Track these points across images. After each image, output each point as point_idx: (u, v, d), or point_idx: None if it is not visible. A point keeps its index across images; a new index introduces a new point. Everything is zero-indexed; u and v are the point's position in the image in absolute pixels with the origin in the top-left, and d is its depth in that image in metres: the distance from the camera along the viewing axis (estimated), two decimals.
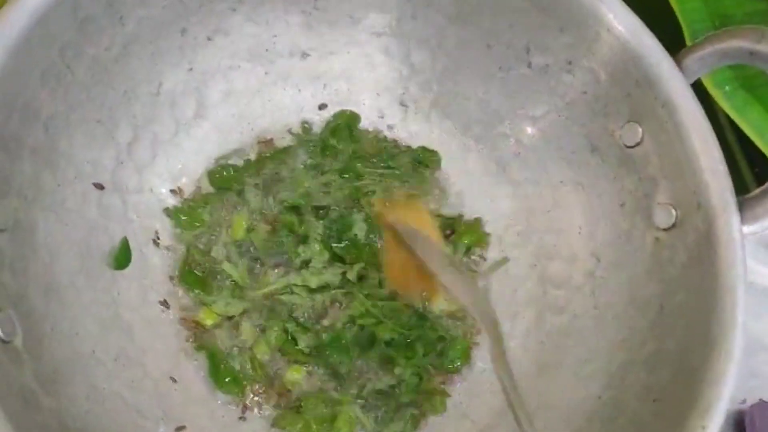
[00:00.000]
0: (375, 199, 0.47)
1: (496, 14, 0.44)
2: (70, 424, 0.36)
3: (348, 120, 0.50)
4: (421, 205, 0.47)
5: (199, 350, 0.44)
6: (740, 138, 0.51)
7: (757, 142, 0.48)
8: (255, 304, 0.45)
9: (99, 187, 0.43)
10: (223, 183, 0.48)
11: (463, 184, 0.50)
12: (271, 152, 0.49)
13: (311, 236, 0.45)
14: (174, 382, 0.43)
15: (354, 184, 0.48)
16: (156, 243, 0.46)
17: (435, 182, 0.50)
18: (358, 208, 0.47)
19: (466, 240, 0.48)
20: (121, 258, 0.43)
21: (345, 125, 0.50)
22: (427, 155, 0.50)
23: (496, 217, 0.49)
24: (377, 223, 0.46)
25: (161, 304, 0.45)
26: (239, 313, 0.45)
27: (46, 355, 0.37)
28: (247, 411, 0.44)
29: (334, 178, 0.48)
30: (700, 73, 0.40)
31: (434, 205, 0.49)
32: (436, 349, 0.45)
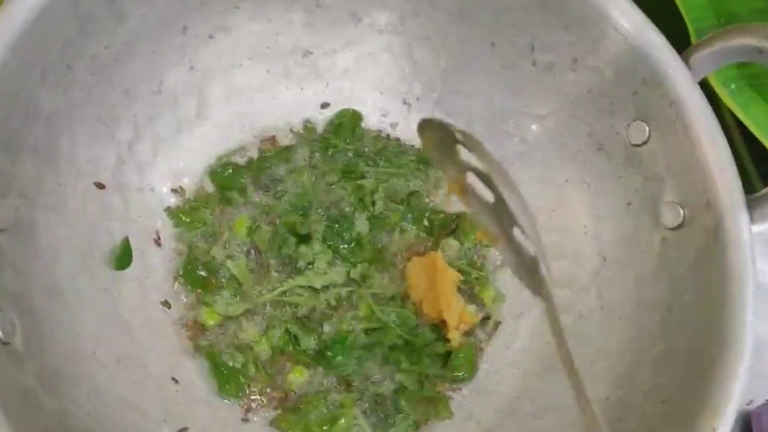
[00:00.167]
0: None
1: (500, 12, 0.44)
2: (71, 425, 0.35)
3: (350, 118, 0.50)
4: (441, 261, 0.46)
5: (200, 351, 0.44)
6: (746, 137, 0.51)
7: (763, 140, 0.48)
8: (257, 304, 0.45)
9: (100, 186, 0.43)
10: (224, 182, 0.47)
11: None
12: (274, 151, 0.48)
13: (314, 236, 0.45)
14: (176, 382, 0.43)
15: (357, 183, 0.47)
16: (157, 243, 0.45)
17: (438, 181, 0.50)
18: (361, 208, 0.47)
19: (472, 236, 0.48)
20: (123, 258, 0.43)
21: (347, 124, 0.50)
22: None
23: None
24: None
25: (162, 305, 0.44)
26: (241, 313, 0.44)
27: (47, 356, 0.36)
28: (250, 412, 0.43)
29: (337, 177, 0.48)
30: (707, 71, 0.40)
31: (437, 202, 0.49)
32: (441, 360, 0.45)
